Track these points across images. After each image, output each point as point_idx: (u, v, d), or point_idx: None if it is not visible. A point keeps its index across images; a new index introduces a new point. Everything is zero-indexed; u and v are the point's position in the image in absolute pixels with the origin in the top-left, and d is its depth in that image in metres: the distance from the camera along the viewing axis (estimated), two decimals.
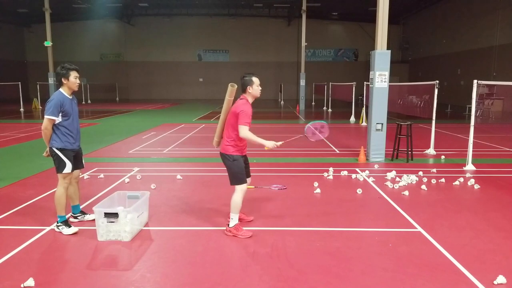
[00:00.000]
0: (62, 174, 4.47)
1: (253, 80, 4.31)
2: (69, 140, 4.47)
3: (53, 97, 4.36)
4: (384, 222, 4.90)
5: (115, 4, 32.47)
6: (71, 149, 4.50)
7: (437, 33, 29.95)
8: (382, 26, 8.37)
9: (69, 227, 4.47)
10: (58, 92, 4.43)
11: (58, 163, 4.45)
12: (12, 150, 10.02)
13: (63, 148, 4.42)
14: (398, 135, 8.68)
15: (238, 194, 4.35)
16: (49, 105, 4.30)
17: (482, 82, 7.92)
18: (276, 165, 8.18)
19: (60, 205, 4.47)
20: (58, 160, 4.44)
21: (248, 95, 4.36)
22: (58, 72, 4.42)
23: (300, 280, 3.44)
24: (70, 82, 4.42)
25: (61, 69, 4.42)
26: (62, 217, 4.50)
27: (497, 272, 3.50)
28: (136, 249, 4.11)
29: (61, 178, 4.49)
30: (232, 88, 4.33)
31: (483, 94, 20.70)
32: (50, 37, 24.32)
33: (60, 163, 4.44)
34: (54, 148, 4.42)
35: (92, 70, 38.57)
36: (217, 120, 4.65)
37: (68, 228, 4.46)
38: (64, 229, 4.44)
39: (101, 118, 19.03)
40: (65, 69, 4.40)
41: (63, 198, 4.49)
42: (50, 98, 4.35)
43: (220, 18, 36.96)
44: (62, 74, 4.40)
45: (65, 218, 4.52)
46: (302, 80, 24.69)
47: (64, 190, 4.49)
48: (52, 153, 4.46)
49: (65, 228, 4.45)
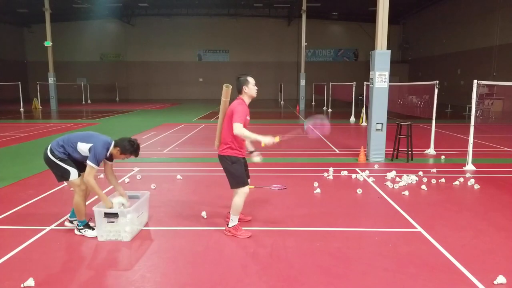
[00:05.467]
0: (72, 181, 4.34)
1: (248, 80, 4.29)
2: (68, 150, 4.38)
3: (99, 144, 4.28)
4: (384, 222, 4.90)
5: (115, 4, 32.47)
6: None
7: (437, 33, 29.95)
8: (382, 26, 8.37)
9: (92, 229, 4.42)
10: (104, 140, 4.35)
11: (62, 173, 4.33)
12: (12, 150, 10.01)
13: (62, 158, 4.31)
14: (398, 135, 8.68)
15: (240, 197, 4.32)
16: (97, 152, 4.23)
17: (482, 82, 7.92)
18: (276, 165, 8.18)
19: (79, 212, 4.41)
20: (61, 171, 4.32)
21: (244, 96, 4.34)
22: (125, 148, 4.35)
23: (300, 280, 3.43)
24: (116, 155, 4.41)
25: (125, 146, 4.34)
26: (83, 221, 4.44)
27: (497, 272, 3.50)
28: (136, 249, 4.11)
29: (74, 186, 4.36)
30: (227, 89, 4.30)
31: (483, 94, 20.70)
32: (50, 37, 24.33)
33: (64, 173, 4.32)
34: (52, 157, 4.29)
35: (92, 70, 38.66)
36: (217, 120, 4.63)
37: (91, 230, 4.41)
38: (88, 231, 4.41)
39: (101, 118, 19.03)
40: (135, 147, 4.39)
41: (82, 205, 4.40)
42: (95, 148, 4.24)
43: (220, 18, 36.96)
44: (130, 150, 4.35)
45: (86, 222, 4.46)
46: (302, 80, 24.69)
47: (80, 197, 4.38)
48: (52, 164, 4.33)
49: (88, 230, 4.42)
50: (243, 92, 4.33)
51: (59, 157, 4.30)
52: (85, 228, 4.42)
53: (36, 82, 27.78)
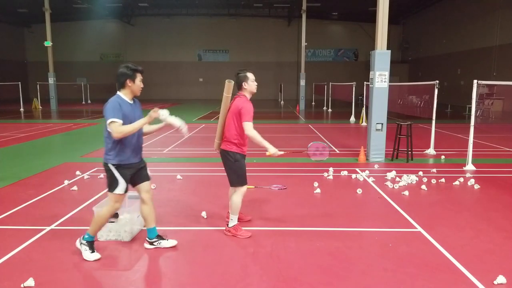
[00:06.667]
0: (114, 195, 3.81)
1: (247, 76, 4.29)
2: (126, 154, 3.78)
3: (109, 101, 3.70)
4: (384, 222, 4.90)
5: (115, 4, 32.47)
6: (128, 165, 3.81)
7: (437, 33, 29.95)
8: (382, 26, 8.37)
9: (92, 251, 3.84)
10: (116, 96, 3.77)
11: (111, 181, 3.80)
12: (12, 150, 10.01)
13: (118, 165, 3.76)
14: (398, 135, 8.68)
15: (238, 196, 4.34)
16: (108, 109, 3.64)
17: (482, 82, 7.92)
18: (276, 165, 8.18)
19: (97, 225, 3.87)
20: (111, 178, 3.79)
21: (245, 91, 4.34)
22: (124, 72, 3.73)
23: (300, 280, 3.43)
24: (136, 86, 3.79)
25: (126, 69, 3.73)
26: (91, 237, 3.88)
27: (497, 272, 3.50)
28: (136, 249, 4.10)
29: (112, 200, 3.84)
30: (229, 83, 4.26)
31: (483, 94, 20.71)
32: (50, 37, 24.33)
33: (113, 182, 3.79)
34: (109, 164, 3.76)
35: (92, 70, 38.63)
36: (217, 120, 4.63)
37: (91, 252, 3.82)
38: (87, 251, 3.82)
39: (101, 118, 19.02)
40: (131, 70, 3.74)
41: (104, 221, 3.92)
42: (106, 103, 3.69)
43: (220, 18, 36.96)
44: (128, 75, 3.73)
45: (93, 240, 3.89)
46: (302, 80, 24.69)
47: (110, 214, 3.87)
48: (106, 168, 3.81)
49: (88, 251, 3.83)
50: (243, 88, 4.33)
51: (112, 163, 3.76)
52: (86, 246, 3.85)
53: (36, 82, 27.78)
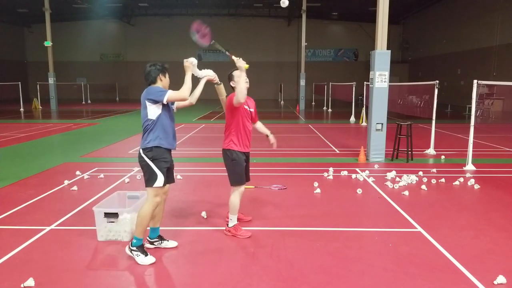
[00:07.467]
0: (153, 189, 3.79)
1: (232, 74, 4.52)
2: (169, 136, 3.90)
3: (149, 87, 3.86)
4: (384, 222, 4.90)
5: (115, 4, 32.47)
6: (164, 157, 3.81)
7: (437, 33, 29.94)
8: (382, 26, 8.37)
9: (146, 255, 3.75)
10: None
11: (149, 175, 3.78)
12: (12, 150, 10.01)
13: (154, 158, 3.75)
14: (398, 135, 8.68)
15: (236, 195, 4.36)
16: (154, 90, 3.79)
17: (482, 82, 7.92)
18: (276, 165, 8.18)
19: (142, 226, 3.76)
20: (149, 172, 3.77)
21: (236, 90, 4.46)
22: (155, 69, 3.91)
23: (300, 280, 3.43)
24: (166, 80, 3.99)
25: (156, 66, 3.94)
26: (139, 240, 3.77)
27: (497, 272, 3.50)
28: None
29: (151, 194, 3.79)
30: (218, 86, 4.52)
31: (483, 94, 20.71)
32: (50, 37, 24.32)
33: (151, 175, 3.77)
34: (145, 156, 3.76)
35: (92, 70, 38.64)
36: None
37: (145, 256, 3.74)
38: (140, 256, 3.73)
39: (101, 118, 19.03)
40: (161, 66, 3.95)
41: (148, 219, 3.79)
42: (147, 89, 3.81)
43: (220, 18, 36.93)
44: (160, 70, 3.93)
45: (142, 243, 3.81)
46: (302, 80, 24.69)
47: (152, 209, 3.79)
48: (142, 162, 3.80)
49: (141, 255, 3.73)
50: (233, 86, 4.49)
51: (149, 155, 3.77)
52: (138, 252, 3.74)
53: (36, 82, 27.77)
